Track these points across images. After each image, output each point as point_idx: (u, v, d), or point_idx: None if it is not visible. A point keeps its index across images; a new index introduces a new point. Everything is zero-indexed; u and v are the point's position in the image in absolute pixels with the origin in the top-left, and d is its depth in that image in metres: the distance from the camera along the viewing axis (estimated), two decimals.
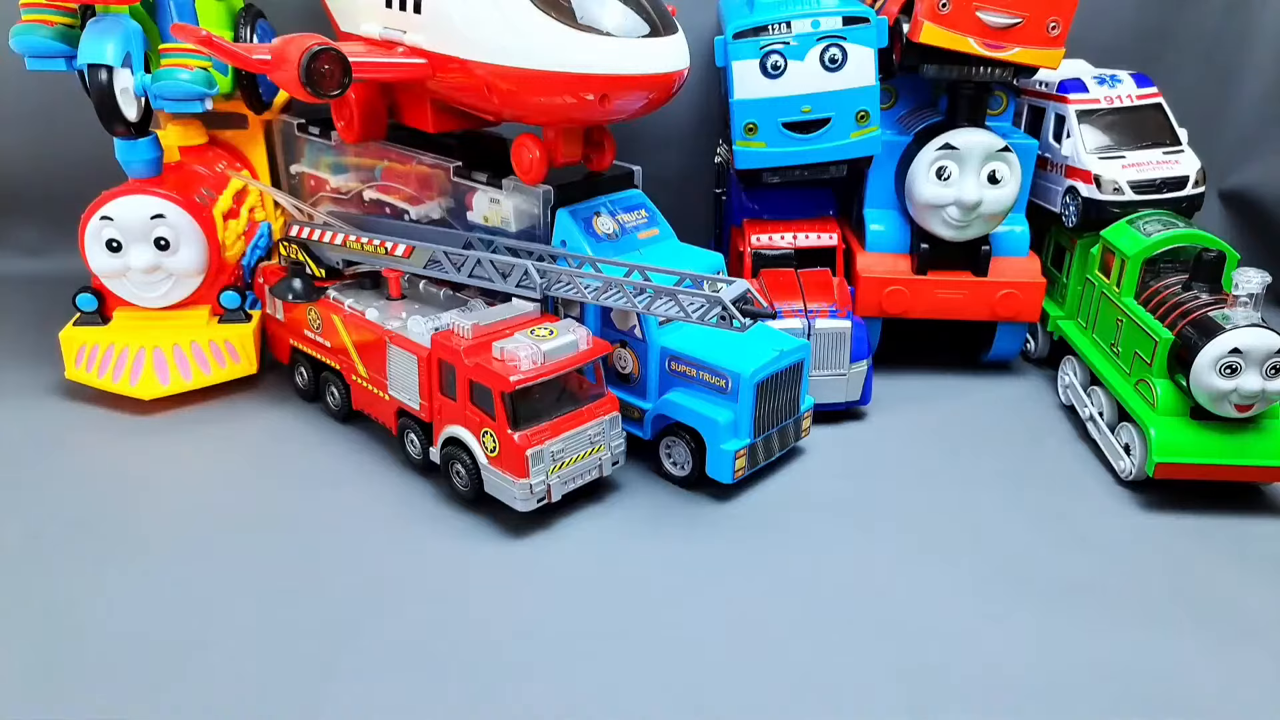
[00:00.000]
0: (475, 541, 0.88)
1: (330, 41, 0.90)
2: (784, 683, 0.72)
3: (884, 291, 1.18)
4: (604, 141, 1.06)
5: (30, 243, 1.45)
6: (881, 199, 1.23)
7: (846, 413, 1.13)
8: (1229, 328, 0.91)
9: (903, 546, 0.89)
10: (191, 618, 0.77)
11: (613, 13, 0.88)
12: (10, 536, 0.87)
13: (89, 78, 0.99)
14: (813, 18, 1.06)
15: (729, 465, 0.93)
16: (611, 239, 1.02)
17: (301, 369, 1.14)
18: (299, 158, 1.29)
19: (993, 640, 0.77)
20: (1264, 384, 0.90)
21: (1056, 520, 0.94)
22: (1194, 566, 0.88)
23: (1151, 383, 0.98)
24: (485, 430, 0.88)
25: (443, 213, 1.13)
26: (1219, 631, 0.79)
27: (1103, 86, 1.22)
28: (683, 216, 1.16)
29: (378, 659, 0.73)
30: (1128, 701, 0.71)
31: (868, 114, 1.10)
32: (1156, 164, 1.17)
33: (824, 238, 1.19)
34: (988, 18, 1.05)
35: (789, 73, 1.07)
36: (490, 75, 0.92)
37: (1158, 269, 1.06)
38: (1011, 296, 1.18)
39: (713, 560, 0.87)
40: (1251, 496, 0.99)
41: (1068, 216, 1.22)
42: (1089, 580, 0.85)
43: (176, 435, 1.05)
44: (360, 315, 1.02)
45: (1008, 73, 1.09)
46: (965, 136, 1.11)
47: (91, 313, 1.11)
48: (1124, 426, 1.01)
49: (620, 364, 1.02)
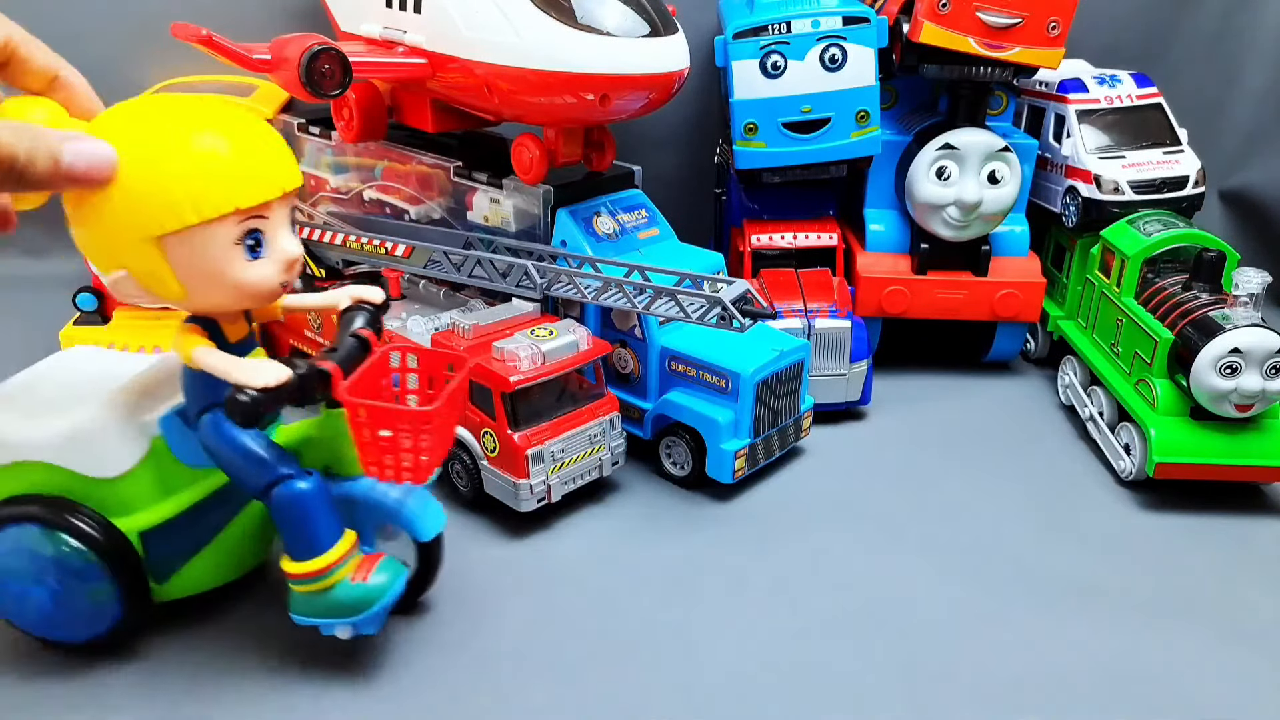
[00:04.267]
0: (475, 542, 0.88)
1: (330, 41, 0.90)
2: (784, 682, 0.72)
3: (884, 291, 1.18)
4: (604, 141, 1.06)
5: (31, 243, 1.45)
6: (881, 199, 1.23)
7: (846, 413, 1.13)
8: (1229, 328, 0.91)
9: (902, 546, 0.89)
10: (191, 617, 0.77)
11: (613, 12, 0.88)
12: None
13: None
14: (813, 18, 1.06)
15: (729, 465, 0.93)
16: (611, 239, 1.02)
17: None
18: (299, 157, 1.29)
19: (992, 639, 0.77)
20: (1264, 384, 0.90)
21: (1056, 520, 0.94)
22: (1194, 566, 0.88)
23: (1151, 383, 0.98)
24: (485, 430, 0.88)
25: (443, 213, 1.13)
26: (1219, 631, 0.79)
27: (1103, 86, 1.22)
28: (683, 216, 1.16)
29: (379, 657, 0.73)
30: (1127, 700, 0.71)
31: (868, 114, 1.10)
32: (1156, 164, 1.17)
33: (824, 238, 1.19)
34: (988, 18, 1.05)
35: (789, 73, 1.07)
36: (490, 75, 0.92)
37: (1158, 269, 1.06)
38: (1011, 296, 1.18)
39: (713, 560, 0.87)
40: (1251, 496, 0.99)
41: (1068, 216, 1.22)
42: (1089, 580, 0.85)
43: None
44: None
45: (1008, 73, 1.09)
46: (965, 136, 1.11)
47: (91, 313, 1.12)
48: (1124, 426, 1.01)
49: (620, 364, 1.02)
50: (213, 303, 0.64)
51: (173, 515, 0.70)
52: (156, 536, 0.69)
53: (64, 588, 0.68)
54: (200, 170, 0.57)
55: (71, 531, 0.67)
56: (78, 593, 0.68)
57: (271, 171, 0.61)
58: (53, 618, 0.70)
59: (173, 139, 0.58)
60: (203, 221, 0.58)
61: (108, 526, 0.68)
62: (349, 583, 0.67)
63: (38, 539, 0.67)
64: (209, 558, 0.73)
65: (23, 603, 0.69)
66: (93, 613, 0.70)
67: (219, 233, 0.59)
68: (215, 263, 0.60)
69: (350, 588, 0.67)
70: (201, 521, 0.72)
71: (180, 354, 0.64)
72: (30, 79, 0.59)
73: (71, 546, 0.67)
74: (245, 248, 0.61)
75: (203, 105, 0.60)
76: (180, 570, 0.72)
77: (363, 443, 0.66)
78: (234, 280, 0.61)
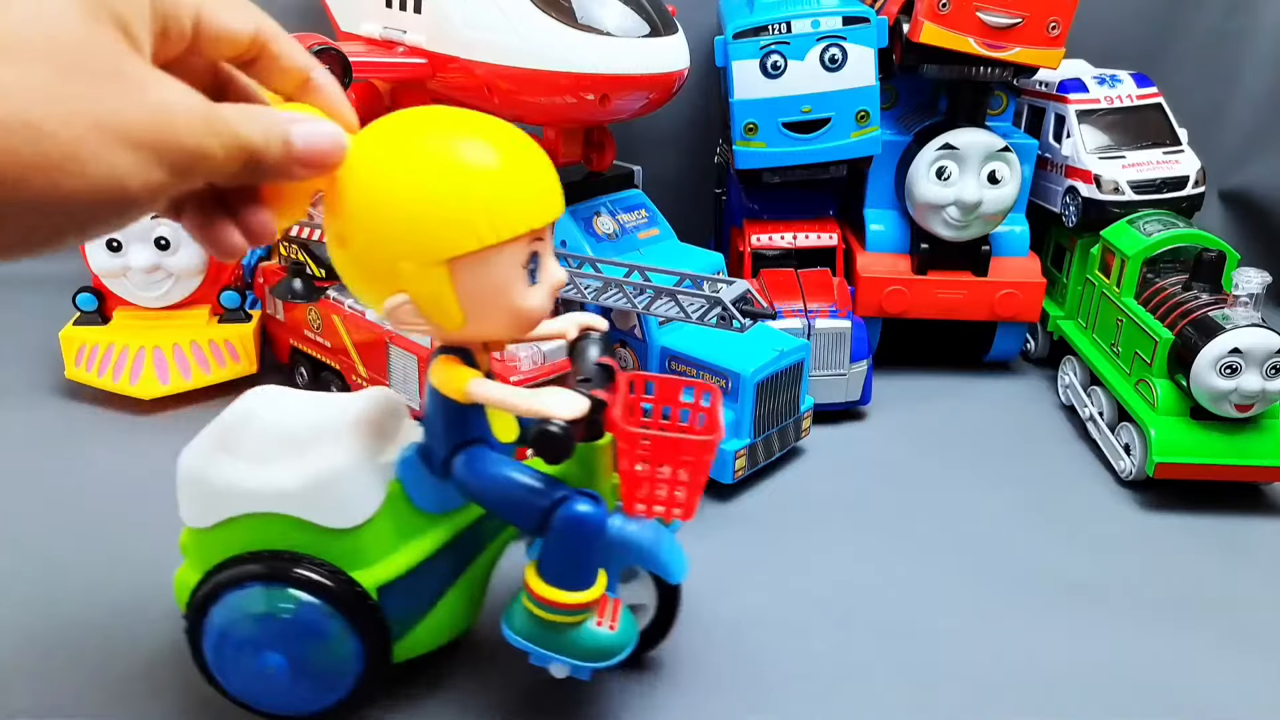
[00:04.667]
0: None
1: (331, 41, 0.90)
2: (784, 682, 0.72)
3: (884, 291, 1.19)
4: (604, 141, 1.06)
5: None
6: (881, 199, 1.23)
7: (846, 413, 1.13)
8: (1229, 328, 0.91)
9: (902, 546, 0.89)
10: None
11: (613, 13, 0.88)
12: (10, 536, 0.87)
13: None
14: (813, 18, 1.06)
15: (729, 465, 0.93)
16: (611, 239, 1.02)
17: (301, 369, 1.14)
18: None
19: (992, 638, 0.77)
20: (1264, 384, 0.90)
21: (1056, 520, 0.94)
22: (1194, 566, 0.88)
23: (1151, 383, 0.98)
24: None
25: None
26: (1219, 631, 0.79)
27: (1103, 86, 1.22)
28: (683, 216, 1.16)
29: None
30: (1127, 701, 0.71)
31: (868, 114, 1.10)
32: (1156, 164, 1.17)
33: (824, 238, 1.19)
34: (988, 18, 1.05)
35: (789, 73, 1.07)
36: (490, 75, 0.92)
37: (1158, 269, 1.06)
38: (1011, 296, 1.18)
39: (713, 560, 0.86)
40: (1251, 496, 0.99)
41: (1068, 216, 1.22)
42: (1089, 580, 0.85)
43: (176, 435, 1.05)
44: (360, 315, 1.02)
45: (1008, 73, 1.09)
46: (965, 136, 1.11)
47: (91, 312, 1.11)
48: (1124, 426, 1.01)
49: (620, 364, 1.02)
50: (485, 331, 0.58)
51: (411, 567, 0.64)
52: (394, 591, 0.63)
53: (302, 650, 0.62)
54: (497, 189, 0.53)
55: (306, 585, 0.61)
56: (317, 654, 0.62)
57: (555, 191, 0.56)
58: (290, 688, 0.63)
59: (467, 155, 0.53)
60: (499, 243, 0.53)
61: (346, 578, 0.61)
62: (593, 627, 0.62)
63: (263, 600, 0.61)
64: (441, 614, 0.66)
65: (257, 678, 0.63)
66: (334, 674, 0.63)
67: (510, 255, 0.54)
68: (502, 287, 0.55)
69: (595, 632, 0.62)
70: (435, 574, 0.66)
71: (447, 388, 0.58)
72: (280, 79, 0.49)
73: (307, 602, 0.61)
74: (528, 272, 0.56)
75: (479, 120, 0.55)
76: (414, 628, 0.66)
77: (634, 477, 0.61)
78: (514, 306, 0.56)
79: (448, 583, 0.67)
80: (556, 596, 0.60)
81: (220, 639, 0.63)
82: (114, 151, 0.35)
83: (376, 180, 0.52)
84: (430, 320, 0.55)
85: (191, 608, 0.63)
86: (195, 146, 0.39)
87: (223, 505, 0.61)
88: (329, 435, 0.62)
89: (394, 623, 0.64)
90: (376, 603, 0.62)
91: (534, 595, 0.61)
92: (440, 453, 0.61)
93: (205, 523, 0.62)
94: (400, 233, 0.52)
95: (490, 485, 0.60)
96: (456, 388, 0.57)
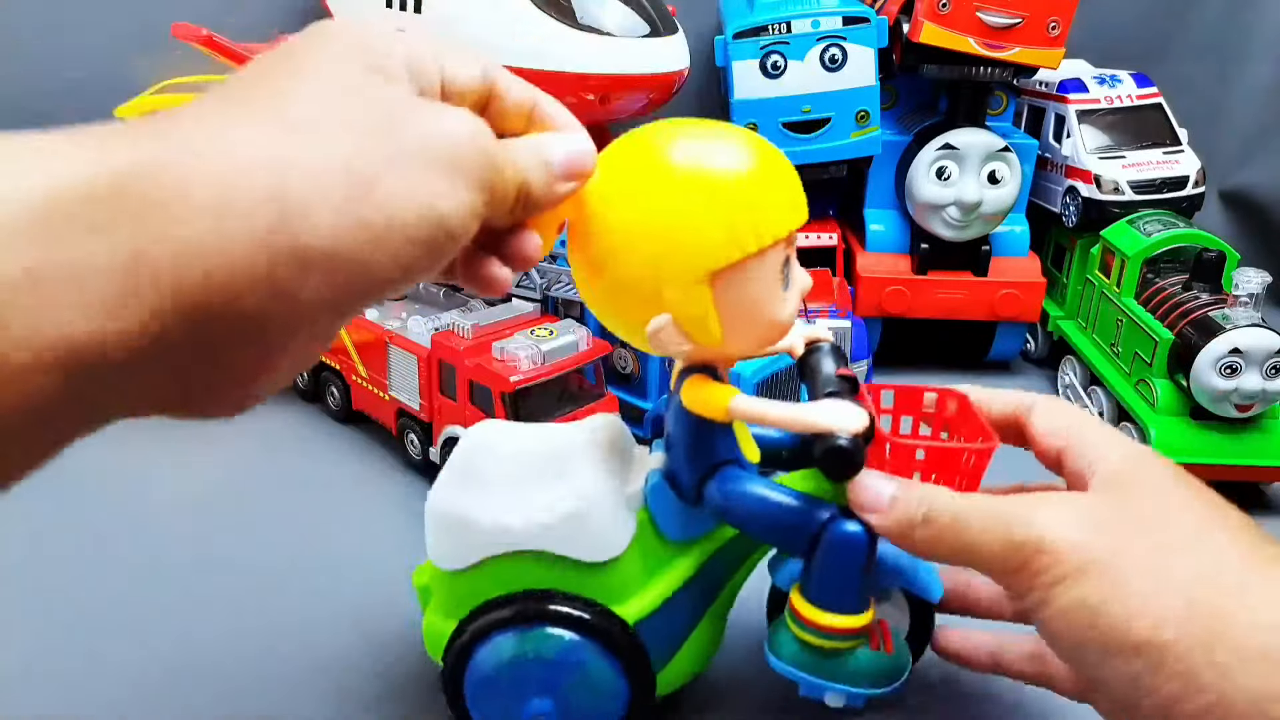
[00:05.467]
0: None
1: None
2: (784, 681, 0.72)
3: (884, 291, 1.19)
4: (604, 141, 1.06)
5: None
6: (881, 199, 1.23)
7: None
8: (1229, 328, 0.91)
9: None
10: (191, 617, 0.77)
11: (613, 13, 0.89)
12: (10, 536, 0.87)
13: None
14: (813, 18, 1.06)
15: None
16: None
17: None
18: None
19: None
20: (1264, 384, 0.90)
21: None
22: None
23: (1151, 383, 0.98)
24: None
25: None
26: None
27: (1103, 86, 1.22)
28: None
29: (378, 661, 0.73)
30: None
31: (868, 114, 1.10)
32: (1156, 164, 1.17)
33: (824, 238, 1.19)
34: (988, 18, 1.05)
35: (789, 73, 1.08)
36: None
37: (1158, 269, 1.06)
38: (1011, 296, 1.18)
39: None
40: (1251, 496, 0.99)
41: (1068, 216, 1.22)
42: None
43: (176, 435, 1.05)
44: (360, 315, 1.02)
45: (1008, 73, 1.09)
46: (965, 136, 1.11)
47: None
48: (1124, 426, 1.01)
49: (620, 364, 1.02)
50: (739, 345, 0.55)
51: (665, 598, 0.61)
52: (651, 625, 0.60)
53: (570, 692, 0.60)
54: (754, 194, 0.50)
55: (571, 624, 0.58)
56: (585, 695, 0.60)
57: (802, 192, 0.54)
58: None
59: (720, 163, 0.50)
60: (760, 250, 0.50)
61: (608, 612, 0.59)
62: (869, 650, 0.59)
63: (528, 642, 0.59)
64: (693, 646, 0.63)
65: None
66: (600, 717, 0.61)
67: (769, 261, 0.52)
68: (761, 297, 0.53)
69: (873, 656, 0.59)
70: (687, 605, 0.63)
71: (706, 408, 0.55)
72: (513, 117, 0.48)
73: (572, 640, 0.59)
74: (783, 279, 0.53)
75: (718, 127, 0.53)
76: (670, 663, 0.62)
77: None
78: (771, 316, 0.53)
79: (699, 613, 0.64)
80: (832, 621, 0.56)
81: (483, 687, 0.60)
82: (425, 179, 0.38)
83: (631, 201, 0.51)
84: (693, 338, 0.53)
85: (450, 655, 0.60)
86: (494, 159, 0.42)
87: (481, 545, 0.58)
88: (572, 467, 0.60)
89: (652, 659, 0.61)
90: (638, 637, 0.60)
91: (805, 621, 0.57)
92: (690, 477, 0.58)
93: (460, 564, 0.60)
94: (663, 250, 0.50)
95: (752, 508, 0.57)
96: (718, 406, 0.54)
